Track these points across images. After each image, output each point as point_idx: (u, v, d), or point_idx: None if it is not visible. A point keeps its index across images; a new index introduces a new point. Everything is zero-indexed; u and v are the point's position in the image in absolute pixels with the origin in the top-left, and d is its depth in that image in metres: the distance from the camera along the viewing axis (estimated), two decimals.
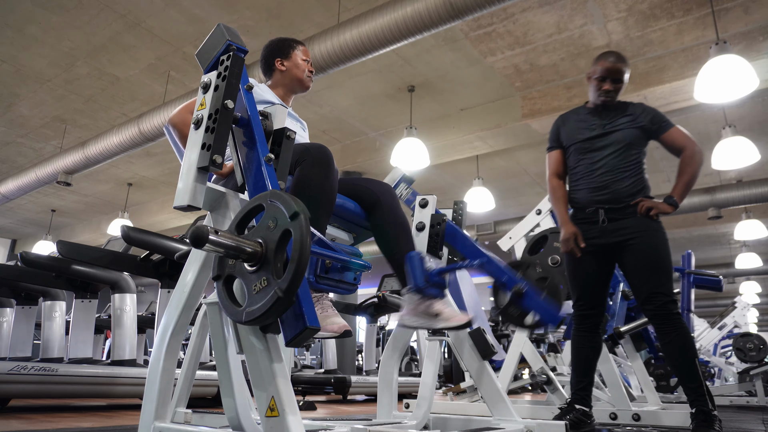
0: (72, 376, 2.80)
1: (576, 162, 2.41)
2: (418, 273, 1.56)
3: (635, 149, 2.30)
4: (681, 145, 2.27)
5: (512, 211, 8.20)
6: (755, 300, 11.97)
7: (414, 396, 3.64)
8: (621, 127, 2.33)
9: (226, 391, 1.22)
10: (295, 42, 2.07)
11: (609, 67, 2.31)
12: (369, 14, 3.60)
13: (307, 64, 2.06)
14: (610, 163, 2.31)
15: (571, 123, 2.46)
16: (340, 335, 1.29)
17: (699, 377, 2.05)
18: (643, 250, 2.19)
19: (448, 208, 2.13)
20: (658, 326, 2.14)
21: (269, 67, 2.04)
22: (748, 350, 5.07)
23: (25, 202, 8.31)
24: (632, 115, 2.34)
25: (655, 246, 2.19)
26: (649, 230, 2.20)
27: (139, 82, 5.03)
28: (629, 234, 2.21)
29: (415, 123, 5.42)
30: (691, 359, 2.07)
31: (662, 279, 2.15)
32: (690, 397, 2.06)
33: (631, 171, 2.27)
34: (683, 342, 2.08)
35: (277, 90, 2.02)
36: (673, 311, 2.11)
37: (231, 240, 1.01)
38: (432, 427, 1.85)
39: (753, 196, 6.31)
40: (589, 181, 2.35)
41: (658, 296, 2.12)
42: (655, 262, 2.17)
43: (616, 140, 2.32)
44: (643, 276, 2.17)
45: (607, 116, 2.37)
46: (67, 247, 2.86)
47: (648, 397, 3.13)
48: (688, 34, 4.19)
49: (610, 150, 2.32)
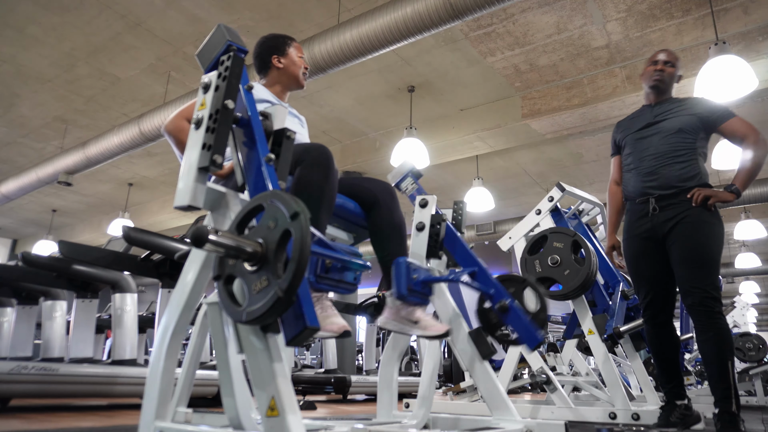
0: (72, 376, 2.80)
1: (628, 155, 2.39)
2: (402, 280, 1.57)
3: (688, 136, 2.24)
4: (743, 135, 2.19)
5: (512, 211, 8.20)
6: (754, 300, 11.96)
7: (414, 396, 3.64)
8: (672, 115, 2.29)
9: (227, 391, 1.23)
10: (288, 38, 2.05)
11: (659, 52, 2.40)
12: (369, 14, 3.60)
13: (303, 61, 2.04)
14: (660, 149, 2.25)
15: (626, 122, 2.47)
16: (340, 335, 1.29)
17: (729, 379, 2.00)
18: (689, 242, 2.11)
19: (448, 208, 2.13)
20: (697, 321, 2.08)
21: (265, 64, 2.01)
22: (748, 350, 5.07)
23: (26, 202, 8.31)
24: (686, 105, 2.30)
25: (703, 238, 2.11)
26: (700, 221, 2.12)
27: (139, 82, 5.04)
28: (679, 223, 2.14)
29: (415, 123, 5.43)
30: (724, 361, 2.02)
31: (704, 273, 2.07)
32: (716, 396, 2.02)
33: (682, 156, 2.21)
34: (720, 343, 2.03)
35: (274, 88, 2.00)
36: (715, 309, 2.04)
37: (231, 240, 1.01)
38: (432, 427, 1.86)
39: (752, 196, 6.31)
40: (638, 170, 2.30)
41: (697, 291, 2.06)
42: (699, 255, 2.10)
43: (666, 127, 2.28)
44: (685, 268, 2.10)
45: (660, 108, 2.35)
46: (68, 247, 2.87)
47: (647, 396, 3.13)
48: (688, 34, 4.20)
49: (659, 137, 2.27)
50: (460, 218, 2.12)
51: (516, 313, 1.77)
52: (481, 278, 1.85)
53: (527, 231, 3.60)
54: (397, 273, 1.59)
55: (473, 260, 1.92)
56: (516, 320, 1.77)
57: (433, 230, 1.98)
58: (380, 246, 1.74)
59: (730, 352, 2.04)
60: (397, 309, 1.59)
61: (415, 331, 1.55)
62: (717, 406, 2.01)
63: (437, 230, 1.98)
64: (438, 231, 1.98)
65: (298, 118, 2.05)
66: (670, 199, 2.19)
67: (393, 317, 1.60)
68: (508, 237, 3.70)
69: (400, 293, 1.57)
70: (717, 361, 2.03)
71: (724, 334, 2.04)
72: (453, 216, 2.12)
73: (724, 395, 2.00)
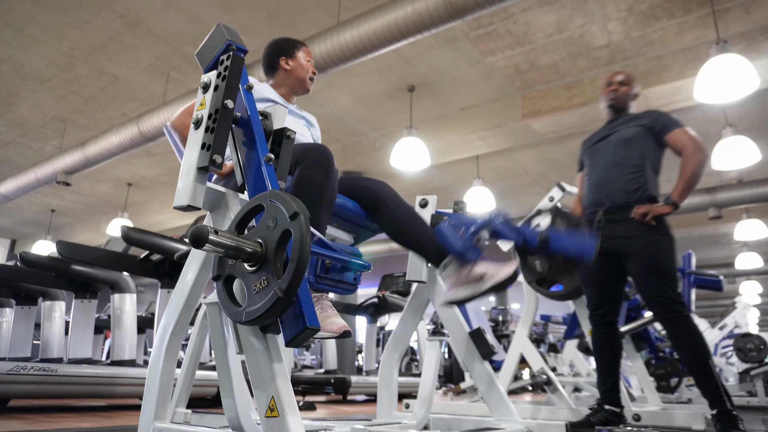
0: (71, 377, 2.80)
1: (585, 168, 2.51)
2: (454, 239, 1.49)
3: (636, 147, 2.31)
4: (681, 146, 2.27)
5: (512, 211, 8.19)
6: (756, 300, 11.98)
7: (414, 396, 3.63)
8: (623, 127, 2.38)
9: (226, 392, 1.22)
10: (299, 43, 2.06)
11: (614, 74, 2.51)
12: (369, 14, 3.59)
13: (311, 66, 2.05)
14: (608, 160, 2.35)
15: (588, 139, 2.58)
16: (340, 335, 1.28)
17: (715, 377, 2.03)
18: (645, 259, 2.19)
19: (448, 208, 2.13)
20: (668, 329, 2.13)
21: (272, 66, 2.02)
22: (749, 350, 5.06)
23: (25, 202, 8.30)
24: (638, 118, 2.39)
25: (656, 252, 2.19)
26: (648, 242, 2.20)
27: (138, 82, 5.03)
28: (630, 243, 2.23)
29: (415, 123, 5.42)
30: (705, 361, 2.05)
31: (665, 282, 2.14)
32: (708, 398, 2.04)
33: (629, 168, 2.29)
34: (695, 344, 2.07)
35: (280, 90, 2.01)
36: (683, 313, 2.10)
37: (231, 240, 1.00)
38: (432, 427, 1.85)
39: (753, 196, 6.31)
40: (590, 181, 2.41)
41: (662, 299, 2.12)
42: (656, 267, 2.17)
43: (616, 139, 2.37)
44: (647, 281, 2.17)
45: (615, 122, 2.45)
46: (67, 247, 2.86)
47: (648, 397, 3.12)
48: (689, 33, 4.19)
49: (610, 149, 2.37)
50: None
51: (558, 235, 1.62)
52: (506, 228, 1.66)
53: None
54: (445, 236, 1.51)
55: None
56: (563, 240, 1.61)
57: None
58: (406, 231, 1.65)
59: (708, 351, 2.09)
60: (458, 274, 1.47)
61: (487, 284, 1.41)
62: (713, 408, 2.03)
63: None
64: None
65: (306, 119, 2.04)
66: (618, 214, 2.27)
67: (457, 284, 1.45)
68: None
69: (457, 251, 1.47)
70: (699, 363, 2.06)
71: (696, 334, 2.09)
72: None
73: (715, 395, 2.02)
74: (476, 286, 1.42)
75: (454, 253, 1.49)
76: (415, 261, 1.94)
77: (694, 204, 6.61)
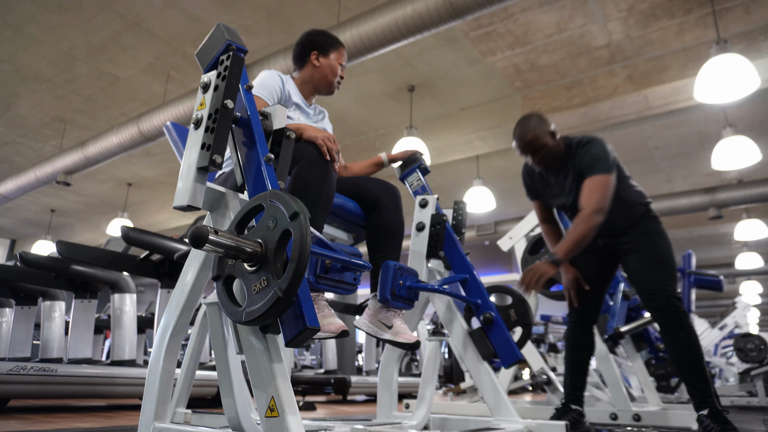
0: (71, 377, 2.80)
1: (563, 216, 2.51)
2: (388, 284, 1.56)
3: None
4: (583, 203, 2.10)
5: (513, 211, 8.20)
6: (756, 300, 11.98)
7: (414, 396, 3.63)
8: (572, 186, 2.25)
9: (226, 392, 1.22)
10: (337, 42, 1.99)
11: (518, 145, 2.26)
12: (369, 14, 3.59)
13: (341, 70, 1.98)
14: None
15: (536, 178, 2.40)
16: (338, 335, 1.28)
17: (707, 377, 2.02)
18: (647, 249, 2.19)
19: (449, 209, 2.13)
20: (664, 324, 2.09)
21: (302, 57, 1.95)
22: (749, 350, 5.06)
23: (25, 202, 8.30)
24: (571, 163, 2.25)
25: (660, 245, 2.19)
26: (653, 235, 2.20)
27: (138, 81, 5.03)
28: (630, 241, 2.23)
29: (415, 123, 5.42)
30: (700, 359, 2.04)
31: (665, 275, 2.13)
32: (698, 398, 2.02)
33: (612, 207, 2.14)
34: (693, 342, 2.05)
35: (304, 87, 1.95)
36: (680, 308, 2.08)
37: (231, 240, 1.00)
38: (432, 428, 1.85)
39: (754, 196, 6.30)
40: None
41: (660, 292, 2.10)
42: (658, 258, 2.16)
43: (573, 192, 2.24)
44: (646, 272, 2.16)
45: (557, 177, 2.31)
46: (67, 247, 2.86)
47: (648, 397, 3.12)
48: (689, 33, 4.19)
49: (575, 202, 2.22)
50: (461, 218, 2.11)
51: (499, 326, 1.78)
52: (472, 287, 1.86)
53: (528, 231, 3.60)
54: (384, 276, 1.58)
55: (466, 267, 1.92)
56: (497, 334, 1.77)
57: (434, 230, 1.97)
58: (374, 247, 1.74)
59: (701, 350, 2.08)
60: (377, 312, 1.59)
61: (386, 336, 1.54)
62: (704, 407, 2.00)
63: (437, 230, 1.97)
64: (438, 231, 1.97)
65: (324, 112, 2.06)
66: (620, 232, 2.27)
67: (369, 319, 1.59)
68: (509, 237, 3.70)
69: (383, 296, 1.56)
70: (693, 361, 2.04)
71: (692, 332, 2.07)
72: (453, 216, 2.11)
73: (707, 395, 2.01)
74: (381, 330, 1.56)
75: (380, 295, 1.57)
76: (414, 261, 1.95)
77: (694, 204, 6.60)
